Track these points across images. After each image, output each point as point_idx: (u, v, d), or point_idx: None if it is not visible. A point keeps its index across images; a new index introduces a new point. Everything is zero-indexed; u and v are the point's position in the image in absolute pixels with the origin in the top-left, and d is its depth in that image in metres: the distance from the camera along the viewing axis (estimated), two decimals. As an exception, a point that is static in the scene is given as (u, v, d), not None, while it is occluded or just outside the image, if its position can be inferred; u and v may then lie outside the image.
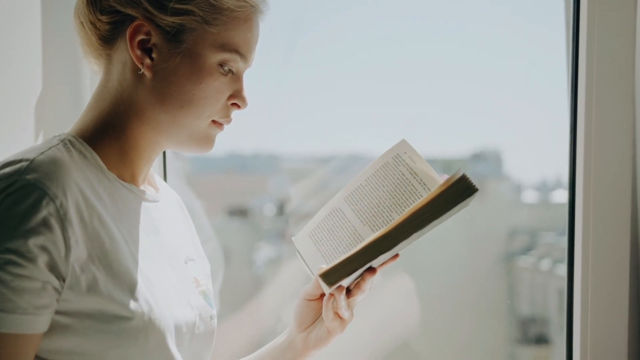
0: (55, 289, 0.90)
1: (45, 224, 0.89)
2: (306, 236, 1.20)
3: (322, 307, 1.14)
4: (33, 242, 0.88)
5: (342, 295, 1.07)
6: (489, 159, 1.96)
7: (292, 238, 1.21)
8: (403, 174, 1.08)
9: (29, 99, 1.40)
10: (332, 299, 1.08)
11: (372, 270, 1.07)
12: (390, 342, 1.77)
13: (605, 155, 1.55)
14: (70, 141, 0.99)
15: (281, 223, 1.83)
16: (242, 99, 1.05)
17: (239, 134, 1.88)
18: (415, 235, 0.96)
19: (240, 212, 1.94)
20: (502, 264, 1.92)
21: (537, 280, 1.72)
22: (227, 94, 1.04)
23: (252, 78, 1.74)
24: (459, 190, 0.93)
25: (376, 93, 1.84)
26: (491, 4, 1.85)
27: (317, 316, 1.18)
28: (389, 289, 1.76)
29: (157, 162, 1.58)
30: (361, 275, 1.07)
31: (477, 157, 1.94)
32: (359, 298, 1.10)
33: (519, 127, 1.85)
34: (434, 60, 1.87)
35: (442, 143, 1.91)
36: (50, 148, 0.95)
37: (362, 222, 1.11)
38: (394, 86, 1.83)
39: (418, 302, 1.77)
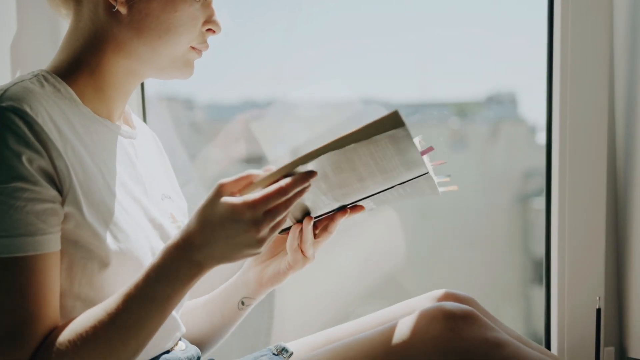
0: (60, 204, 0.94)
1: (31, 145, 0.92)
2: None
3: (280, 241, 1.19)
4: (30, 164, 0.91)
5: (310, 227, 1.11)
6: (504, 101, 1.95)
7: None
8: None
9: (4, 39, 1.40)
10: (299, 228, 1.13)
11: (309, 217, 1.12)
12: (379, 276, 1.80)
13: (581, 98, 1.56)
14: (43, 76, 1.02)
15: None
16: (216, 23, 1.09)
17: (252, 81, 1.88)
18: (333, 154, 0.97)
19: (255, 160, 1.95)
20: (516, 206, 1.93)
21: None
22: (202, 19, 1.07)
23: (264, 24, 1.74)
24: (386, 121, 0.95)
25: (389, 39, 1.83)
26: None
27: (274, 252, 1.22)
28: (375, 224, 1.78)
29: (137, 107, 1.59)
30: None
31: (492, 100, 1.93)
32: (323, 240, 1.15)
33: (533, 69, 1.83)
34: (447, 5, 1.86)
35: (457, 87, 1.90)
36: (22, 80, 0.98)
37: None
38: (407, 31, 1.82)
39: (404, 237, 1.80)
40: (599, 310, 1.53)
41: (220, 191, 0.95)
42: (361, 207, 1.14)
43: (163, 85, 1.79)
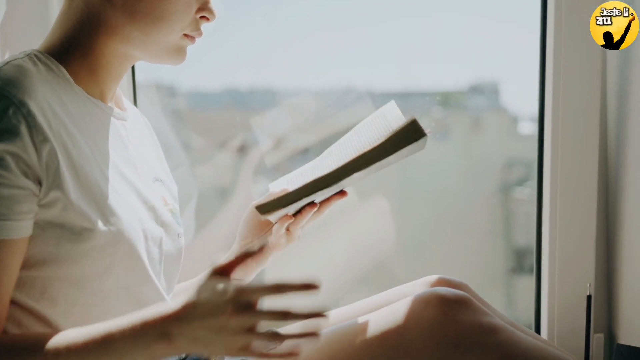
0: (34, 194, 0.92)
1: (13, 131, 0.90)
2: (283, 180, 1.24)
3: (264, 224, 1.19)
4: (4, 150, 0.89)
5: (312, 214, 1.13)
6: (487, 91, 1.95)
7: (270, 185, 1.24)
8: (380, 131, 1.10)
9: (-7, 19, 1.39)
10: (286, 218, 1.13)
11: (313, 204, 1.12)
12: (368, 262, 1.80)
13: (573, 88, 1.56)
14: (36, 55, 1.01)
15: (277, 158, 1.84)
16: (210, 11, 1.08)
17: (234, 69, 1.87)
18: (357, 175, 0.98)
19: (241, 149, 1.95)
20: (498, 195, 1.94)
21: (533, 211, 1.74)
22: (196, 7, 1.06)
23: (248, 12, 1.72)
24: (408, 134, 0.95)
25: (372, 27, 1.82)
26: None
27: (259, 233, 1.22)
28: (365, 210, 1.79)
29: (128, 92, 1.58)
30: (302, 206, 1.12)
31: (475, 89, 1.93)
32: (313, 220, 1.18)
33: (516, 58, 1.84)
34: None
35: (440, 76, 1.90)
36: (15, 59, 0.96)
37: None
38: (389, 20, 1.82)
39: (393, 222, 1.80)
40: (589, 297, 1.54)
41: (214, 272, 0.90)
42: (342, 195, 1.17)
43: (146, 72, 1.77)
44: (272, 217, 1.09)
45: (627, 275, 1.57)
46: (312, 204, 1.15)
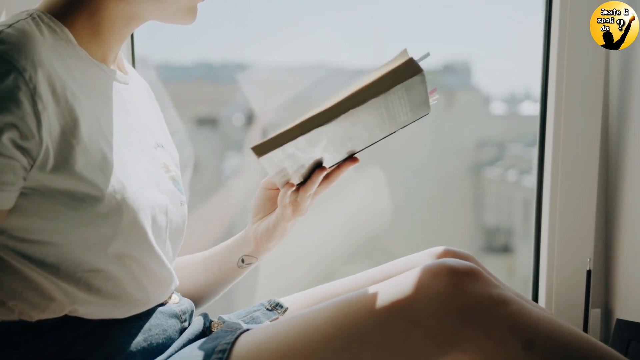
0: (23, 167, 0.88)
1: (13, 99, 0.86)
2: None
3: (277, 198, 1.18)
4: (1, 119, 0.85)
5: (320, 179, 1.12)
6: (459, 70, 1.95)
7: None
8: (381, 72, 1.07)
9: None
10: (288, 186, 1.12)
11: (322, 168, 1.11)
12: (362, 236, 1.80)
13: (577, 67, 1.56)
14: (39, 16, 0.97)
15: (250, 133, 1.83)
16: None
17: (207, 43, 1.84)
18: (352, 112, 0.96)
19: (209, 122, 1.93)
20: (469, 175, 1.94)
21: (504, 191, 1.75)
22: None
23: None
24: (404, 70, 0.94)
25: (346, 6, 1.81)
26: None
27: (271, 208, 1.21)
28: (361, 182, 1.79)
29: (127, 53, 1.55)
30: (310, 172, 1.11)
31: (448, 69, 1.93)
32: (322, 191, 1.17)
33: (489, 38, 1.84)
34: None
35: (413, 54, 1.89)
36: (18, 21, 0.92)
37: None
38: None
39: (389, 194, 1.80)
40: (589, 272, 1.54)
41: None
42: (353, 161, 1.16)
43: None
44: (272, 169, 1.05)
45: (625, 251, 1.58)
46: (321, 167, 1.12)
